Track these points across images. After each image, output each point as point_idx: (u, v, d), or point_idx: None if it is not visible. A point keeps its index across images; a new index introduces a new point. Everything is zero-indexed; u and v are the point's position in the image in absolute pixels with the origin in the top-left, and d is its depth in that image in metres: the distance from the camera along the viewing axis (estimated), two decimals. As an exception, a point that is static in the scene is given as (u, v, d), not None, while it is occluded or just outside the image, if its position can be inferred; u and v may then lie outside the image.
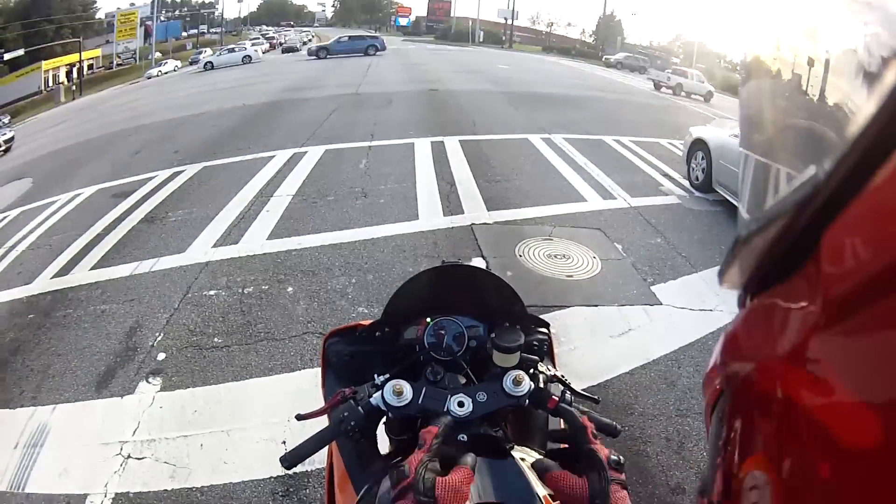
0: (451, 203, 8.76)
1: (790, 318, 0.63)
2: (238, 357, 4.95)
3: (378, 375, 1.72)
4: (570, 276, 6.50)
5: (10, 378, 4.97)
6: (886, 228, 0.45)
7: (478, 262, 6.65)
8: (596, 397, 1.81)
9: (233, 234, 7.63)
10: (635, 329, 5.49)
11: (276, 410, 4.22)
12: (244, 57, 45.42)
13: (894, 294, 0.44)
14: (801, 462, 0.57)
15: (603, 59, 49.77)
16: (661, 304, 5.98)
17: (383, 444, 1.88)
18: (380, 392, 1.62)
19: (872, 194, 0.45)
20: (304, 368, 4.75)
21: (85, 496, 3.64)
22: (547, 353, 2.04)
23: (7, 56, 39.23)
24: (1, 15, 41.49)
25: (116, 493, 3.64)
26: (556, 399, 1.65)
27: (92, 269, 7.03)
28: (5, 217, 10.32)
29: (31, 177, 13.46)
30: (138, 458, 3.90)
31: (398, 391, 1.59)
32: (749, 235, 0.72)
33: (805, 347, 0.57)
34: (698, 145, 10.01)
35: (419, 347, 1.88)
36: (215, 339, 5.22)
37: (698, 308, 5.86)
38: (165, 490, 3.65)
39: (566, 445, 1.54)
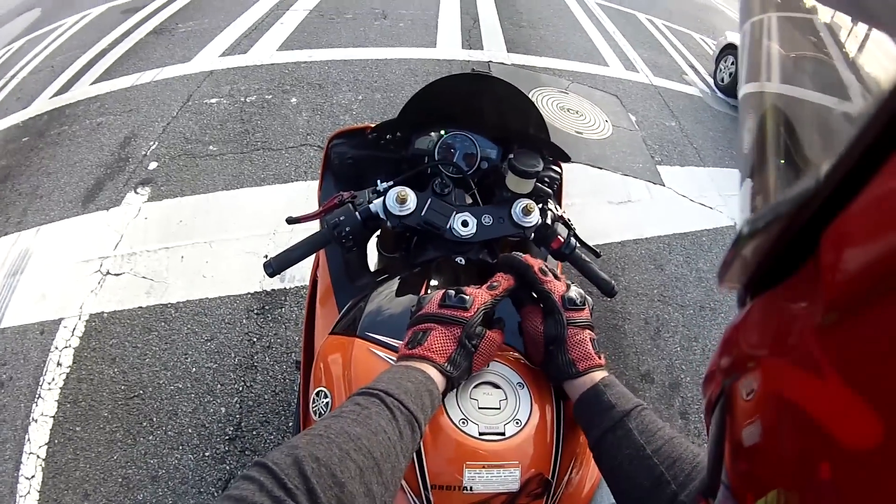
0: (471, 38, 8.39)
1: (790, 317, 0.56)
2: (231, 165, 4.70)
3: (381, 181, 1.62)
4: (580, 132, 6.34)
5: (-4, 206, 4.73)
6: (887, 228, 0.40)
7: None
8: (598, 251, 1.75)
9: (242, 44, 7.19)
10: (635, 202, 5.45)
11: (262, 222, 4.07)
12: None
13: (894, 294, 0.40)
14: (800, 462, 0.52)
15: None
16: (664, 185, 5.86)
17: (372, 262, 1.88)
18: (381, 198, 1.54)
19: (872, 194, 0.42)
20: (297, 180, 4.59)
21: (59, 321, 3.46)
22: (557, 192, 1.98)
23: None
24: None
25: (91, 315, 3.47)
26: (561, 240, 1.61)
27: (92, 83, 6.60)
28: (9, 49, 9.71)
29: (40, 6, 12.91)
30: (116, 275, 3.71)
31: (402, 198, 1.50)
32: (749, 234, 0.64)
33: (805, 347, 0.51)
34: (730, 50, 9.61)
35: (428, 159, 1.80)
36: (210, 147, 4.94)
37: (699, 201, 5.76)
38: (140, 307, 3.51)
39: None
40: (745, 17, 0.83)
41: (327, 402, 1.22)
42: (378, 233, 1.81)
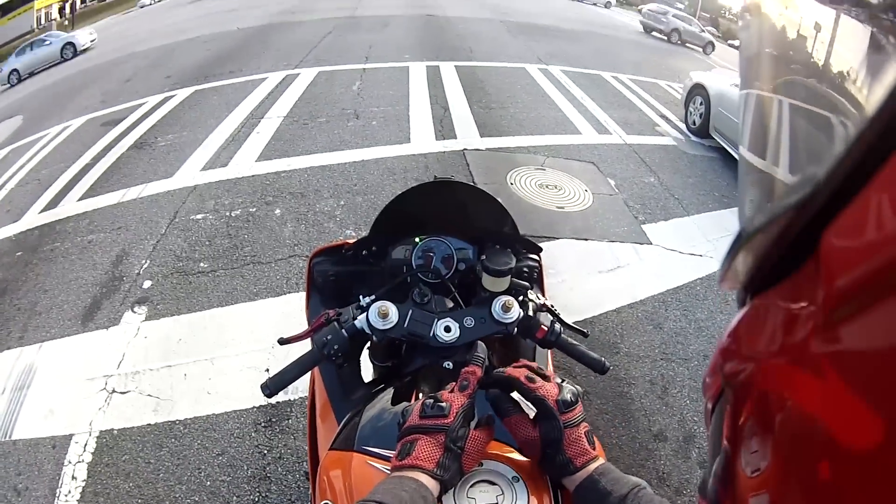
0: (443, 127, 8.65)
1: (790, 317, 0.62)
2: (224, 282, 4.85)
3: (363, 297, 1.67)
4: (561, 207, 6.46)
5: (-3, 320, 4.85)
6: (887, 228, 0.44)
7: None
8: (585, 331, 1.76)
9: (222, 157, 7.47)
10: (624, 266, 5.50)
11: (260, 336, 4.17)
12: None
13: (894, 294, 0.43)
14: (801, 462, 0.57)
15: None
16: (651, 243, 5.96)
17: (366, 372, 1.87)
18: (364, 314, 1.57)
19: (872, 194, 0.45)
20: (289, 293, 4.70)
21: (70, 437, 3.56)
22: (537, 280, 1.99)
23: (-1, -1, 38.44)
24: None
25: (101, 431, 3.57)
26: (546, 329, 1.62)
27: (80, 199, 6.86)
28: (-5, 159, 10.09)
29: (22, 114, 13.18)
30: (122, 393, 3.82)
31: (383, 313, 1.54)
32: (749, 235, 0.70)
33: (805, 347, 0.57)
34: (698, 90, 9.92)
35: (406, 268, 1.84)
36: (201, 264, 5.12)
37: (688, 252, 5.86)
38: (149, 424, 3.59)
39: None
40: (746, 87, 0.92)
41: None
42: (368, 344, 1.84)
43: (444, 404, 1.15)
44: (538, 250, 1.98)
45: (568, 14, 29.01)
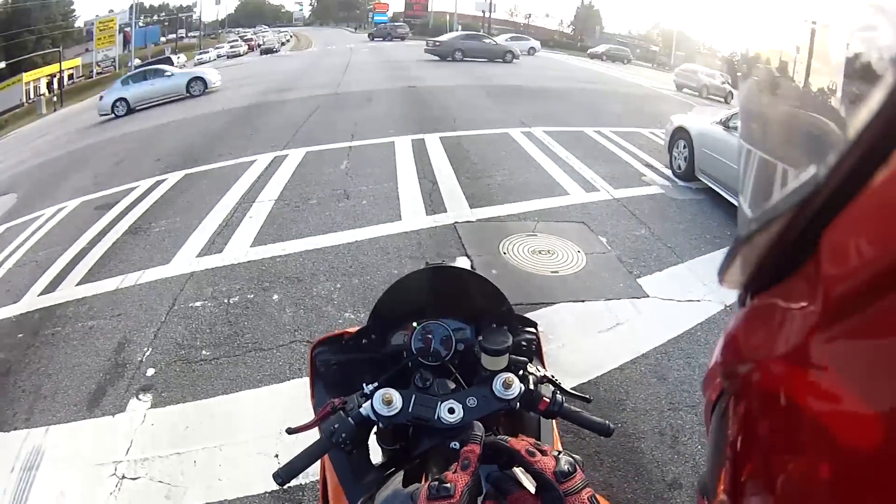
0: (433, 202, 8.79)
1: (790, 317, 0.63)
2: (227, 369, 4.94)
3: (366, 384, 1.70)
4: (556, 271, 6.50)
5: (2, 399, 4.94)
6: (887, 228, 0.45)
7: (462, 261, 6.69)
8: (587, 396, 1.81)
9: (216, 243, 7.62)
10: (623, 323, 5.50)
11: (267, 423, 4.21)
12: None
13: (894, 294, 0.43)
14: (801, 462, 0.58)
15: (588, 53, 48.45)
16: (648, 296, 6.01)
17: (375, 454, 1.89)
18: (369, 402, 1.61)
19: (873, 194, 0.45)
20: (293, 378, 4.74)
21: None
22: (536, 352, 2.04)
23: (-10, 70, 38.89)
24: (-19, 28, 40.92)
25: None
26: (548, 401, 1.67)
27: (78, 284, 6.99)
28: (-10, 235, 10.21)
29: (15, 192, 13.29)
30: (133, 479, 3.88)
31: (387, 400, 1.58)
32: (749, 235, 0.71)
33: (805, 347, 0.57)
34: (680, 133, 10.03)
35: (407, 353, 1.87)
36: (203, 352, 5.21)
37: (686, 299, 5.90)
38: None
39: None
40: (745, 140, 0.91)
41: None
42: (375, 429, 1.81)
43: (448, 485, 1.17)
44: (533, 325, 2.04)
45: (547, 73, 29.60)
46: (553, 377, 1.79)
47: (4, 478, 4.01)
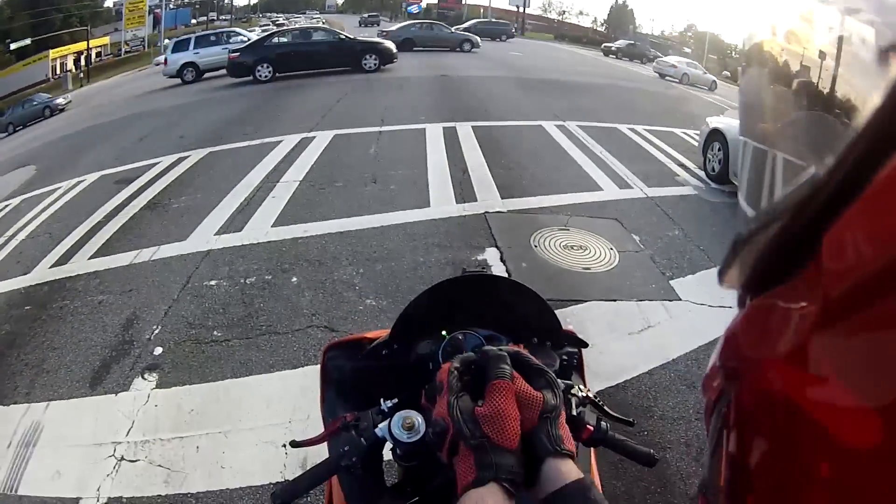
0: (463, 190, 8.57)
1: (790, 318, 0.64)
2: (238, 352, 4.75)
3: (384, 399, 1.46)
4: (588, 268, 6.30)
5: (4, 373, 4.80)
6: (887, 229, 0.45)
7: (492, 253, 6.48)
8: (630, 419, 1.62)
9: (236, 221, 7.45)
10: (654, 326, 5.32)
11: (276, 410, 4.05)
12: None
13: (894, 294, 0.44)
14: (800, 461, 0.57)
15: (602, 47, 47.29)
16: (680, 299, 5.79)
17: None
18: (386, 423, 1.37)
19: (873, 194, 0.45)
20: (307, 365, 4.53)
21: (77, 500, 3.47)
22: (577, 368, 1.82)
23: (13, 45, 38.82)
24: (8, 5, 41.08)
25: (109, 498, 3.47)
26: (591, 429, 1.44)
27: (91, 257, 6.86)
28: (7, 206, 10.15)
29: (35, 164, 13.29)
30: (132, 461, 3.73)
31: (408, 426, 1.33)
32: (749, 235, 0.74)
33: (805, 347, 0.58)
34: (715, 136, 9.80)
35: (433, 365, 1.60)
36: (215, 333, 5.03)
37: (717, 305, 5.63)
38: (159, 496, 3.48)
39: None
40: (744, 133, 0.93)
41: None
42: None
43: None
44: (584, 345, 1.82)
45: (578, 68, 29.28)
46: (596, 398, 1.57)
47: (0, 453, 3.88)
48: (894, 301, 0.44)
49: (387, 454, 1.52)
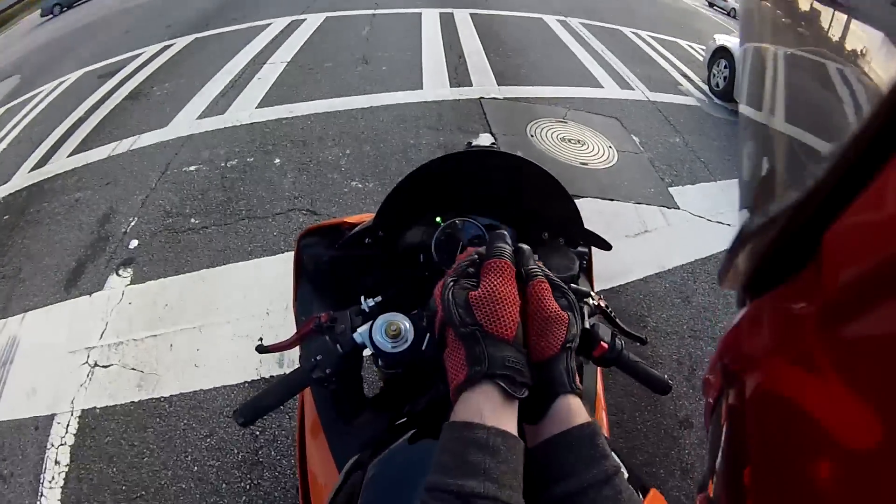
0: (458, 74, 8.20)
1: (790, 318, 0.64)
2: (216, 239, 4.53)
3: (366, 298, 1.24)
4: (585, 163, 6.10)
5: (-19, 290, 4.58)
6: (886, 230, 0.44)
7: (485, 138, 6.08)
8: (643, 337, 1.43)
9: (220, 104, 7.10)
10: (651, 231, 5.18)
11: (253, 301, 3.85)
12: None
13: (894, 294, 0.43)
14: (800, 460, 0.58)
15: None
16: (679, 208, 5.60)
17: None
18: (367, 326, 1.12)
19: (873, 195, 0.46)
20: (287, 251, 4.31)
21: (52, 416, 3.30)
22: (585, 270, 1.74)
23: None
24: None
25: (83, 410, 3.30)
26: (605, 346, 1.18)
27: (70, 155, 6.54)
28: (-11, 118, 9.86)
29: (19, 73, 12.85)
30: (105, 366, 3.55)
31: (393, 333, 1.08)
32: (749, 236, 0.73)
33: (805, 348, 0.58)
34: (721, 53, 9.45)
35: (424, 256, 1.44)
36: (192, 220, 4.79)
37: (716, 219, 5.48)
38: (132, 402, 3.31)
39: None
40: (745, 41, 0.91)
41: None
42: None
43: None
44: (606, 248, 1.63)
45: None
46: (607, 308, 1.36)
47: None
48: (893, 301, 0.43)
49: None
